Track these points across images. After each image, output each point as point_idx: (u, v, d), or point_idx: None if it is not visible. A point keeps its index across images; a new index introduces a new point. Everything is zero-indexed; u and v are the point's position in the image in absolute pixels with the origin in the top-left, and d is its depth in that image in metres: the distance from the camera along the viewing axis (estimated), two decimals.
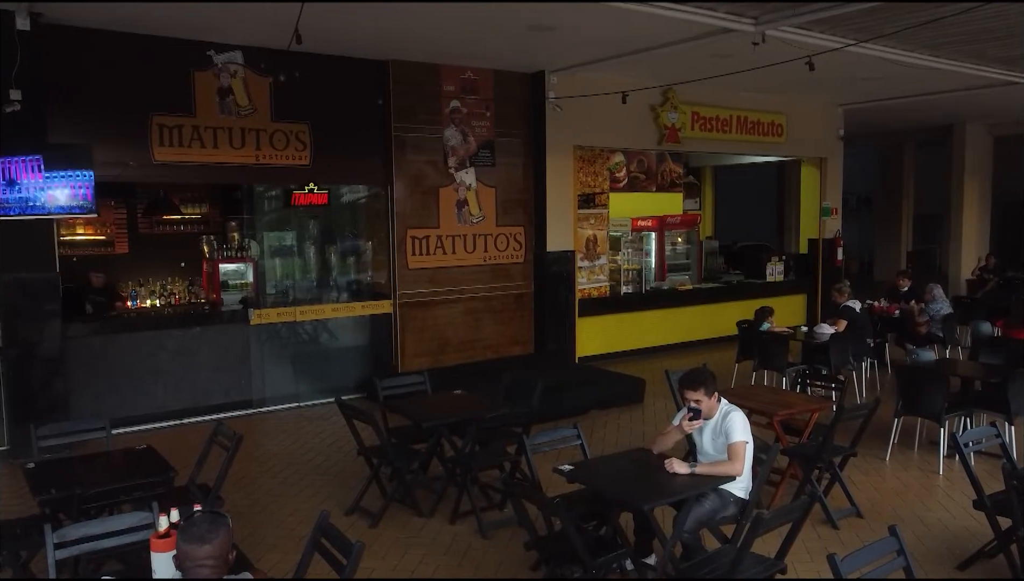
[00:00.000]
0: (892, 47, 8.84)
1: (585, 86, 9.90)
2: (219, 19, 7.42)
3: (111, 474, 4.52)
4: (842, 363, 8.66)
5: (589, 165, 11.33)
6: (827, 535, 5.32)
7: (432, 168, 9.61)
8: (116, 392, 7.94)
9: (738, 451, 4.28)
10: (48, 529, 3.36)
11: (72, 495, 3.96)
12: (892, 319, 10.36)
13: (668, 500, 4.15)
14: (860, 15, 7.42)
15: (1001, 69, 10.52)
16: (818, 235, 13.90)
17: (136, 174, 8.13)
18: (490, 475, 6.01)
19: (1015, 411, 6.58)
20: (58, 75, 7.25)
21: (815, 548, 5.05)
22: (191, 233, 10.78)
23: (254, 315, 8.80)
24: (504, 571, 4.84)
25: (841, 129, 13.70)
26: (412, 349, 9.64)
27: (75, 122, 7.40)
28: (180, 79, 8.06)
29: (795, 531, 3.79)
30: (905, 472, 6.61)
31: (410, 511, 5.73)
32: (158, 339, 8.36)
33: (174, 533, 3.00)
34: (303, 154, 8.81)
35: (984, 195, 17.85)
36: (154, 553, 2.97)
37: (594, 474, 4.52)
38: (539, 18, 7.39)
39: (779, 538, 3.99)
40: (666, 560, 4.09)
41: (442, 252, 9.79)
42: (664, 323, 11.94)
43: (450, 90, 9.64)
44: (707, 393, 4.44)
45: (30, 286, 7.19)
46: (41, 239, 7.25)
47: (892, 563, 3.23)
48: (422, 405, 6.14)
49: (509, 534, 5.31)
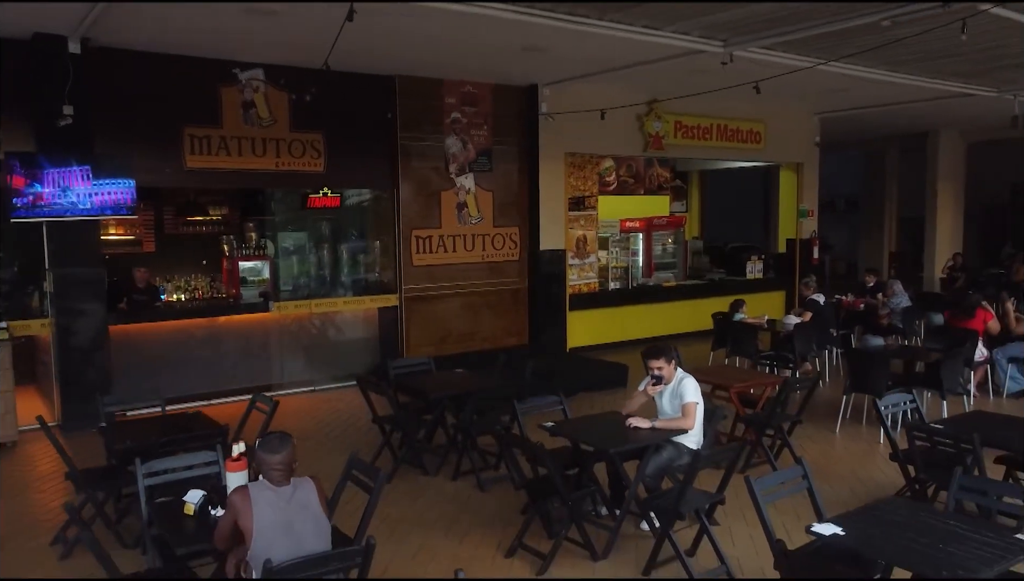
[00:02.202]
0: (854, 64, 9.72)
1: (575, 98, 10.81)
2: (243, 40, 8.31)
3: (175, 429, 5.43)
4: (806, 350, 9.56)
5: (579, 170, 12.24)
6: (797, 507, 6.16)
7: (435, 173, 10.52)
8: (151, 375, 8.79)
9: (690, 409, 5.19)
10: (138, 462, 4.27)
11: (150, 442, 4.87)
12: (858, 312, 11.29)
13: (632, 446, 5.04)
14: (817, 38, 8.31)
15: (959, 83, 11.44)
16: (796, 235, 14.83)
17: (170, 180, 9.05)
18: (486, 441, 6.91)
19: (947, 388, 7.50)
20: (103, 92, 8.13)
21: (783, 516, 5.89)
22: (212, 233, 11.66)
23: (274, 307, 9.70)
24: (499, 515, 5.73)
25: (817, 136, 14.64)
26: (416, 339, 10.54)
27: (118, 133, 8.27)
28: (209, 94, 8.95)
29: (731, 470, 4.70)
30: (852, 443, 7.51)
31: (418, 471, 6.64)
32: (188, 329, 9.28)
33: (243, 459, 3.93)
34: (318, 161, 9.71)
35: (958, 199, 18.75)
36: (229, 473, 3.87)
37: (572, 428, 5.44)
38: (532, 41, 8.30)
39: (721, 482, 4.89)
40: (631, 497, 5.00)
41: (444, 250, 10.70)
42: (649, 317, 12.83)
43: (451, 102, 10.56)
44: (667, 361, 5.35)
45: (79, 280, 8.09)
46: (88, 238, 8.17)
47: (798, 485, 4.13)
48: (428, 382, 7.05)
49: (503, 489, 6.21)
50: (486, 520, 5.68)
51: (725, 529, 5.35)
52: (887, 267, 20.14)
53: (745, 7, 7.10)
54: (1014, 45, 8.62)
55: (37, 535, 5.49)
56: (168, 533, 3.74)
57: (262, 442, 3.42)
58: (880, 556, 3.43)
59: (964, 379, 8.16)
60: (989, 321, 8.95)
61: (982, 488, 4.19)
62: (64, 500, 5.54)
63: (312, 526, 3.36)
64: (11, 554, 5.22)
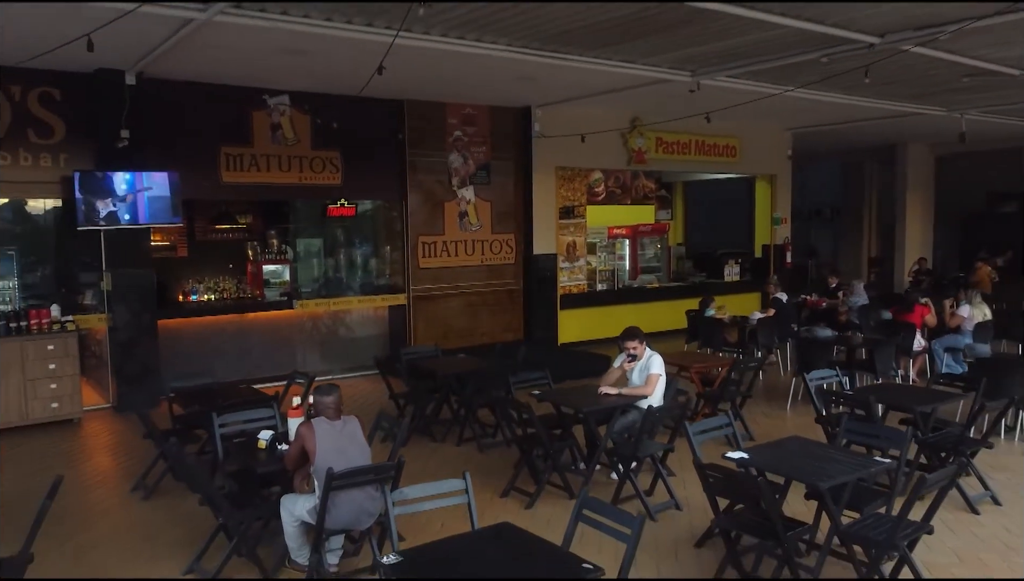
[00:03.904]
0: (814, 90, 10.92)
1: (565, 117, 12.09)
2: (273, 72, 9.56)
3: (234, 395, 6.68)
4: (769, 342, 10.80)
5: (569, 182, 13.50)
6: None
7: (439, 186, 11.79)
8: (192, 363, 10.00)
9: (652, 379, 6.43)
10: (214, 415, 5.51)
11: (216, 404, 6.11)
12: (821, 309, 12.54)
13: (601, 408, 6.28)
14: (774, 69, 9.55)
15: (911, 104, 12.71)
16: (770, 241, 16.10)
17: (209, 193, 10.32)
18: (484, 416, 8.14)
19: (881, 372, 8.75)
20: (154, 117, 9.37)
21: (714, 456, 7.16)
22: (238, 240, 12.88)
23: (297, 305, 10.95)
24: (495, 470, 6.94)
25: (789, 150, 15.92)
26: (422, 334, 11.77)
27: (165, 153, 9.49)
28: (241, 118, 10.21)
29: (678, 427, 5.93)
30: (799, 417, 8.73)
31: (428, 439, 7.88)
32: (222, 324, 10.53)
33: (300, 408, 5.17)
34: (336, 175, 10.96)
35: (927, 207, 20.02)
36: (290, 419, 5.11)
37: (554, 395, 6.71)
38: (524, 72, 9.54)
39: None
40: (601, 449, 6.23)
41: (447, 255, 11.95)
42: (633, 315, 13.93)
43: (453, 123, 11.83)
44: (639, 342, 6.59)
45: (132, 280, 9.33)
46: (140, 244, 9.42)
47: (723, 430, 5.37)
48: (435, 364, 8.30)
49: (499, 452, 7.45)
50: (485, 473, 6.91)
51: (680, 479, 6.57)
52: (867, 271, 21.38)
53: (703, 46, 8.36)
54: (942, 74, 9.88)
55: (118, 484, 6.74)
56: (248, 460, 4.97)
57: (318, 390, 4.67)
58: (768, 469, 4.67)
59: (898, 365, 9.40)
60: (926, 315, 10.19)
61: (863, 431, 5.43)
62: (130, 463, 6.79)
63: (358, 450, 4.61)
64: (101, 498, 6.45)
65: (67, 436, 8.36)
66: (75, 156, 9.05)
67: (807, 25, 7.35)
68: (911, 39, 7.85)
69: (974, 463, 6.20)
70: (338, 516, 4.42)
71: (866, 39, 7.88)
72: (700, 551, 5.26)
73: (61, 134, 9.02)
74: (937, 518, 4.57)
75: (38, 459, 7.58)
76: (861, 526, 4.40)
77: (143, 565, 5.13)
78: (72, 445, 8.09)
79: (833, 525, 4.40)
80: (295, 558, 4.82)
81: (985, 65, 9.28)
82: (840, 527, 4.39)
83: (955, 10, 7.14)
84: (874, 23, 7.57)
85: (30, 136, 8.87)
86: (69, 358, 8.69)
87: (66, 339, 8.69)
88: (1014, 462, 7.03)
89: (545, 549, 3.61)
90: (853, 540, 4.34)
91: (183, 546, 5.33)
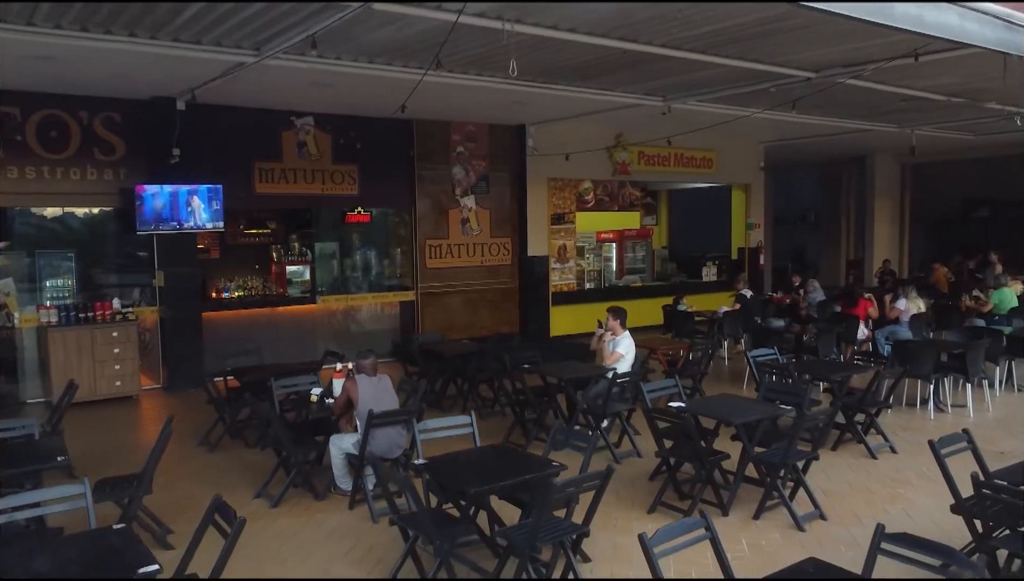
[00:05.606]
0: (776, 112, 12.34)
1: (556, 133, 13.61)
2: (300, 97, 11.05)
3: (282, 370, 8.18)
4: (734, 333, 12.29)
5: (560, 192, 15.00)
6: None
7: (444, 195, 13.31)
8: (231, 349, 11.52)
9: (615, 356, 7.94)
10: (272, 380, 7.02)
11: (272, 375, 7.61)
12: (785, 305, 14.06)
13: (577, 376, 7.78)
14: (735, 96, 11.03)
15: (864, 122, 14.23)
16: (745, 245, 17.62)
17: (244, 203, 11.83)
18: (484, 392, 9.62)
19: (823, 354, 10.25)
20: (200, 136, 10.85)
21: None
22: (264, 243, 14.39)
23: (319, 300, 12.45)
24: (493, 432, 8.41)
25: (761, 161, 17.44)
26: (428, 327, 13.25)
27: (210, 168, 10.95)
28: (273, 136, 11.72)
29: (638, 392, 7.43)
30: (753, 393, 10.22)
31: (437, 411, 9.36)
32: (254, 316, 12.03)
33: (342, 371, 6.68)
34: (353, 186, 12.47)
35: (894, 213, 21.53)
36: (334, 380, 6.61)
37: (541, 367, 8.21)
38: (518, 99, 11.05)
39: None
40: (577, 413, 7.73)
41: (451, 256, 13.46)
42: None
43: (456, 139, 13.36)
44: (614, 318, 8.10)
45: (181, 277, 10.83)
46: (188, 246, 10.93)
47: (670, 390, 6.87)
48: (443, 347, 9.81)
49: (497, 419, 8.95)
50: (485, 436, 8.23)
51: (643, 437, 8.05)
52: (844, 273, 22.82)
53: (666, 78, 9.85)
54: (882, 99, 11.37)
55: (184, 442, 8.22)
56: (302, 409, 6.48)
57: (359, 354, 6.19)
58: (700, 413, 6.18)
59: (842, 350, 10.91)
60: (869, 308, 11.70)
61: (781, 389, 6.95)
62: (188, 429, 8.32)
63: (390, 399, 6.12)
64: (174, 450, 7.92)
65: (130, 409, 9.87)
66: (133, 170, 10.56)
67: (749, 64, 8.86)
68: (842, 74, 9.36)
69: (879, 422, 7.71)
70: (375, 446, 5.92)
71: (804, 74, 9.41)
72: (651, 483, 6.75)
73: (121, 152, 10.54)
74: (840, 461, 6.10)
75: (115, 425, 9.09)
76: (765, 453, 5.91)
77: (224, 492, 6.60)
78: (137, 415, 9.60)
79: (745, 454, 5.91)
80: (340, 485, 6.32)
81: (913, 93, 10.80)
82: (751, 454, 5.89)
83: (876, 50, 8.64)
84: (809, 61, 9.08)
85: (95, 153, 10.39)
86: (130, 343, 10.19)
87: (127, 327, 10.20)
88: (919, 424, 8.55)
89: (528, 457, 5.12)
90: (757, 463, 5.85)
91: (249, 481, 6.84)
